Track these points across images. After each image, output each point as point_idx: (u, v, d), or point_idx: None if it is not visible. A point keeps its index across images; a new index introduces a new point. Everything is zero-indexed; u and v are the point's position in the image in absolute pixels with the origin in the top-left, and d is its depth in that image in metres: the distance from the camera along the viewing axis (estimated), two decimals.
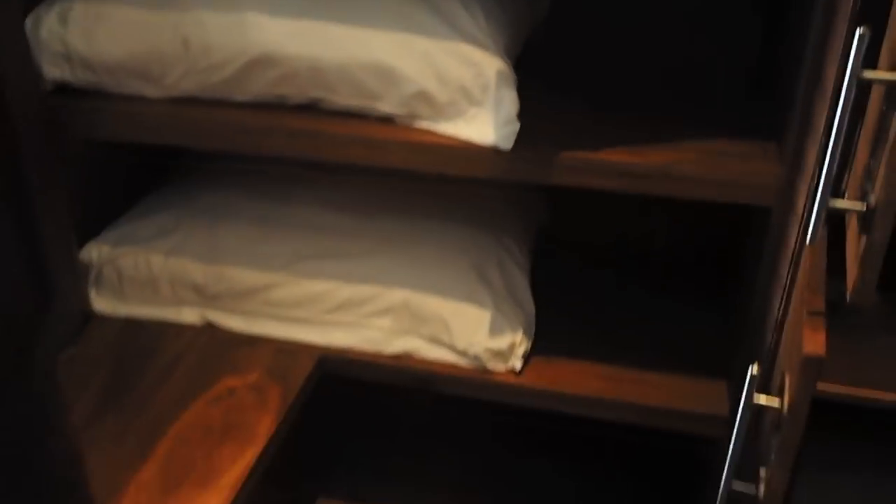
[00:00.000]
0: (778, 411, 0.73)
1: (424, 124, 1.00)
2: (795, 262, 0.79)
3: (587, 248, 1.34)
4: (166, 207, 1.32)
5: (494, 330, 1.09)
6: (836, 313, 0.87)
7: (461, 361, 1.12)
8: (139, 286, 1.25)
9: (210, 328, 1.23)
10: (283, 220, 1.24)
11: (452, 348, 1.12)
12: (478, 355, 1.11)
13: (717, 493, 0.83)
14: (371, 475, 1.46)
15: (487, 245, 1.18)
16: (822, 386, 0.91)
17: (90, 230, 1.28)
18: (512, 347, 1.10)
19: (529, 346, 1.13)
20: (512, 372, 1.11)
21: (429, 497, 1.39)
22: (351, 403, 1.49)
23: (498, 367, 1.11)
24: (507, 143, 0.95)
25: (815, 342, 0.68)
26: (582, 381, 1.10)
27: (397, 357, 1.15)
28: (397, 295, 1.13)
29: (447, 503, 1.38)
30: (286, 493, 1.43)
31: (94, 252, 1.26)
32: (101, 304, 1.27)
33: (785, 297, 0.80)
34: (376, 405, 1.50)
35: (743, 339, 1.04)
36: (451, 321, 1.11)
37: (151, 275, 1.24)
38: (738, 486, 0.78)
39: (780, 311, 0.80)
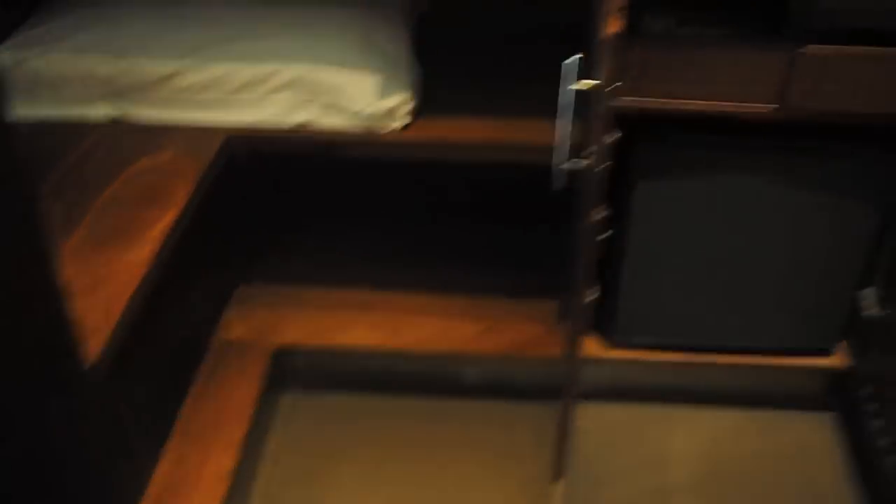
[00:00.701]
0: (594, 89, 1.04)
1: None
2: None
3: (471, 33, 1.64)
4: (69, 10, 1.53)
5: (383, 92, 1.38)
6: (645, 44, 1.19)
7: (356, 124, 1.41)
8: (50, 87, 1.47)
9: (123, 120, 1.47)
10: (182, 13, 1.47)
11: (347, 113, 1.40)
12: (370, 116, 1.39)
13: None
14: (288, 262, 1.76)
15: (374, 22, 1.45)
16: (639, 100, 1.25)
17: None
18: (399, 106, 1.39)
19: (415, 105, 1.42)
20: (401, 129, 1.40)
21: (340, 271, 1.71)
22: (261, 202, 1.76)
23: (389, 125, 1.40)
24: None
25: (613, 25, 0.99)
26: (461, 132, 1.40)
27: (298, 127, 1.43)
28: (294, 69, 1.39)
29: (360, 275, 1.70)
30: (209, 285, 1.71)
31: (2, 56, 1.47)
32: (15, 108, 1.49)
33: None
34: (285, 201, 1.79)
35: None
36: (344, 88, 1.38)
37: (62, 73, 1.45)
38: (569, 164, 1.11)
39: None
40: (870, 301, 1.53)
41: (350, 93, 1.39)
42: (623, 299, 1.51)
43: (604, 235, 1.14)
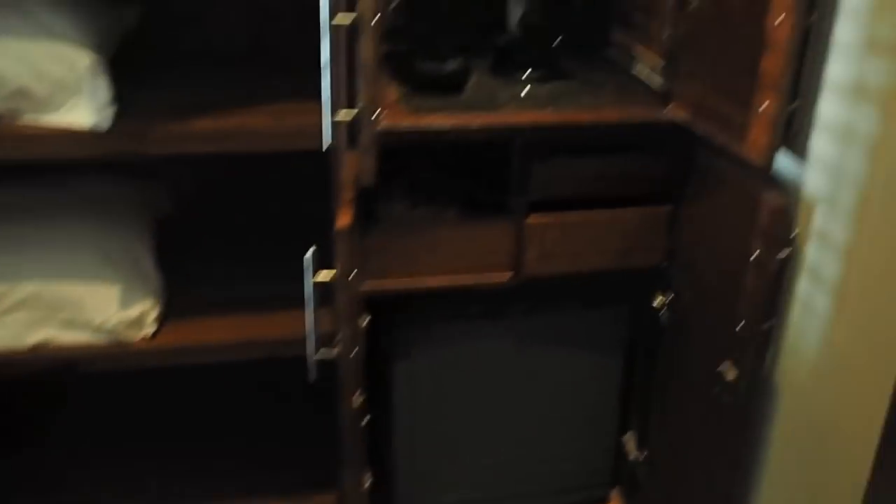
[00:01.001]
0: (334, 280, 1.11)
1: (29, 118, 1.27)
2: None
3: (215, 233, 1.69)
4: None
5: (124, 302, 1.38)
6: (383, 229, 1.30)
7: (99, 339, 1.38)
8: None
9: None
10: None
11: (88, 327, 1.38)
12: (113, 329, 1.38)
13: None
14: (35, 496, 1.63)
15: (111, 230, 1.46)
16: (384, 283, 1.34)
17: None
18: (145, 314, 1.39)
19: (162, 311, 1.43)
20: (149, 337, 1.40)
21: (92, 498, 1.61)
22: None
23: (135, 335, 1.39)
24: (104, 124, 1.26)
25: (343, 220, 1.08)
26: (211, 334, 1.42)
27: (37, 348, 1.38)
28: (28, 287, 1.36)
29: (115, 500, 1.61)
30: None
31: None
32: None
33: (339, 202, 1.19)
34: (26, 428, 1.68)
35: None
36: (83, 302, 1.37)
37: None
38: (322, 353, 1.16)
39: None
40: (631, 444, 1.67)
41: (90, 305, 1.37)
42: (400, 479, 1.54)
43: (365, 419, 1.18)
